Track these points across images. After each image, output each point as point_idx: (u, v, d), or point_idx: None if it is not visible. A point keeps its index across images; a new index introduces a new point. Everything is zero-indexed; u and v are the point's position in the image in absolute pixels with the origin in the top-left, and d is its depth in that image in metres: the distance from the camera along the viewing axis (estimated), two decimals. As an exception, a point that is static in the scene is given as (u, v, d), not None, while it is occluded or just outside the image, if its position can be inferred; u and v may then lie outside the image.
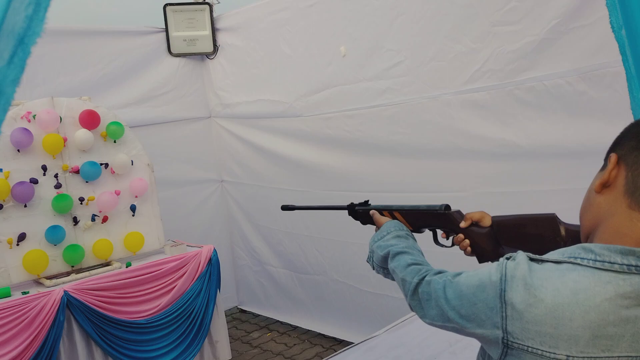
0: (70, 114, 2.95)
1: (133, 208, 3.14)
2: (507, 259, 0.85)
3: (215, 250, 3.21)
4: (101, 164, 3.02)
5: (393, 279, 1.19)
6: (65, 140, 2.89)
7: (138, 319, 2.89)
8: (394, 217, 1.39)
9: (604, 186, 0.84)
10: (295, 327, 4.03)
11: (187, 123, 4.09)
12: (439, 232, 1.36)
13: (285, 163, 3.70)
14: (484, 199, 2.67)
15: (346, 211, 1.60)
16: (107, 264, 3.01)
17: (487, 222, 1.25)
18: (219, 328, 3.26)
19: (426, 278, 1.02)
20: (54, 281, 2.77)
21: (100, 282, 2.80)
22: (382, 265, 1.24)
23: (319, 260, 3.68)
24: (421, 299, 1.01)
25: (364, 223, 1.54)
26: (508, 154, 2.53)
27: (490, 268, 0.86)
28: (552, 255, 0.83)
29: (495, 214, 2.74)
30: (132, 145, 3.16)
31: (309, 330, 3.90)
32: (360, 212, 1.53)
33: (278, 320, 4.17)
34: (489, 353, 0.88)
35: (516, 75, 2.44)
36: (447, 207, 1.33)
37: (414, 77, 2.82)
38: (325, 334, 3.76)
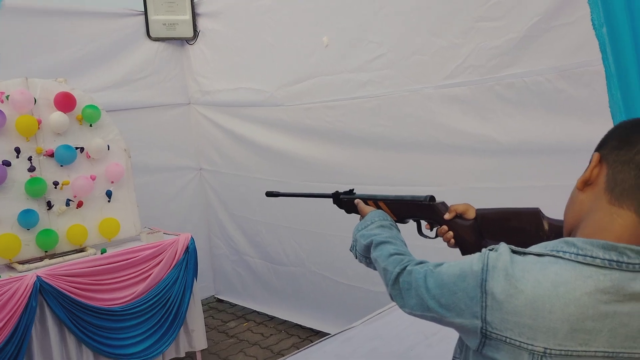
0: (45, 95, 2.88)
1: (109, 194, 3.09)
2: (490, 250, 0.85)
3: (192, 238, 3.18)
4: (76, 148, 2.95)
5: (375, 269, 1.19)
6: (39, 122, 2.82)
7: (113, 306, 2.85)
8: (378, 207, 1.39)
9: (586, 184, 0.86)
10: (272, 318, 4.03)
11: (165, 109, 4.03)
12: (423, 223, 1.36)
13: (265, 153, 3.68)
14: (463, 194, 2.66)
15: (328, 202, 1.59)
16: (82, 250, 2.96)
17: (471, 215, 1.26)
18: (195, 317, 3.24)
19: (407, 268, 1.03)
20: (27, 266, 2.72)
21: (74, 268, 2.75)
22: (365, 254, 1.24)
23: (297, 252, 3.68)
24: (402, 288, 1.02)
25: (348, 212, 1.53)
26: (487, 149, 2.55)
27: (472, 258, 0.87)
28: (534, 248, 0.84)
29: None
30: (109, 130, 3.10)
31: (285, 320, 3.91)
32: (345, 201, 1.52)
33: (255, 311, 4.17)
34: (467, 344, 0.89)
35: (497, 71, 2.46)
36: (432, 198, 1.33)
37: (395, 71, 2.82)
38: (302, 324, 3.77)
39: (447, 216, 1.28)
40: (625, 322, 0.74)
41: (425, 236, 1.38)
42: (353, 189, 1.54)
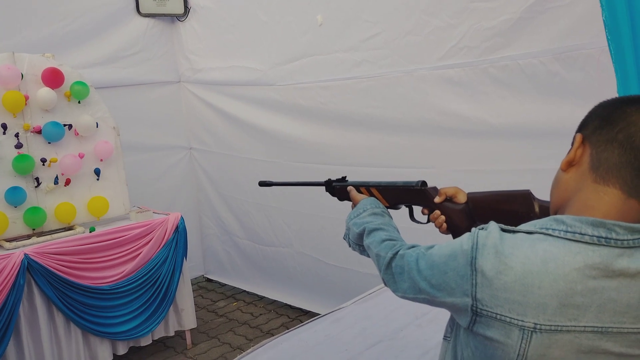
0: (33, 71, 2.83)
1: (97, 172, 3.05)
2: (480, 229, 0.86)
3: (182, 218, 3.17)
4: (64, 125, 2.91)
5: (369, 256, 1.19)
6: (26, 98, 2.77)
7: (101, 284, 2.84)
8: (370, 194, 1.39)
9: (570, 164, 0.87)
10: (261, 297, 4.04)
11: (155, 87, 3.98)
12: (417, 208, 1.36)
13: (256, 133, 3.65)
14: (454, 177, 2.68)
15: (319, 186, 1.58)
16: (70, 228, 2.93)
17: (461, 199, 1.26)
18: (185, 296, 3.24)
19: (400, 252, 1.04)
20: (14, 244, 2.69)
21: (62, 246, 2.72)
22: (358, 242, 1.25)
23: (286, 233, 3.68)
24: (394, 272, 1.03)
25: (340, 199, 1.53)
26: (480, 132, 2.54)
27: (462, 238, 0.87)
28: (524, 226, 0.85)
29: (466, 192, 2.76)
30: (97, 107, 3.05)
31: (275, 300, 3.92)
32: (337, 189, 1.52)
33: (244, 290, 4.17)
34: (458, 322, 0.89)
35: (491, 53, 2.44)
36: (424, 183, 1.33)
37: (389, 51, 2.79)
38: (292, 304, 3.78)
39: (437, 199, 1.28)
40: (614, 298, 0.75)
41: (417, 221, 1.38)
42: (345, 177, 1.53)
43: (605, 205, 0.81)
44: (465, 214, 1.23)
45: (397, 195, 1.36)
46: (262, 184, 1.78)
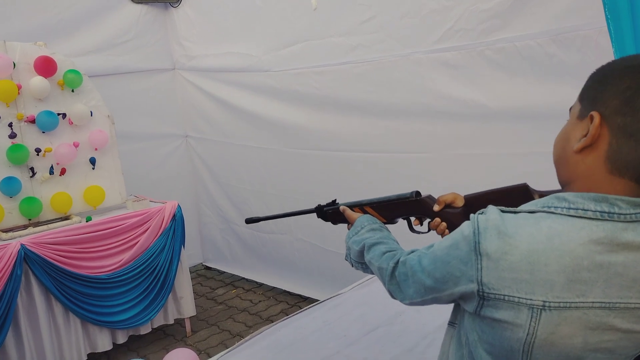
0: (25, 59, 2.80)
1: (93, 161, 3.03)
2: (479, 214, 0.85)
3: (179, 206, 3.16)
4: (58, 114, 2.89)
5: (372, 273, 1.19)
6: (19, 87, 2.75)
7: (99, 274, 2.83)
8: (365, 212, 1.38)
9: (585, 148, 0.81)
10: (260, 285, 4.05)
11: (149, 74, 3.94)
12: (413, 219, 1.35)
13: (252, 119, 3.62)
14: (451, 161, 2.68)
15: (316, 170, 1.57)
16: (66, 218, 2.92)
17: (460, 203, 1.25)
18: (184, 284, 3.24)
19: (400, 259, 1.04)
20: (11, 234, 2.68)
21: (59, 236, 2.72)
22: (359, 260, 1.24)
23: (285, 220, 3.67)
24: (399, 281, 1.03)
25: (334, 223, 1.51)
26: (477, 115, 2.52)
27: (462, 226, 0.86)
28: (525, 206, 0.84)
29: (463, 176, 2.76)
30: (91, 96, 3.03)
31: (274, 287, 3.93)
32: (330, 213, 1.50)
33: (243, 278, 4.18)
34: (463, 307, 0.89)
35: (488, 35, 2.42)
36: (418, 193, 1.31)
37: (385, 34, 2.76)
38: (291, 291, 3.79)
39: (436, 208, 1.26)
40: (620, 272, 0.75)
41: (418, 232, 1.36)
42: (335, 200, 1.52)
43: (615, 193, 0.79)
44: (465, 216, 1.22)
45: (393, 209, 1.35)
46: (249, 221, 1.73)
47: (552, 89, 2.27)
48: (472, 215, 0.85)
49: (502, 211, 0.83)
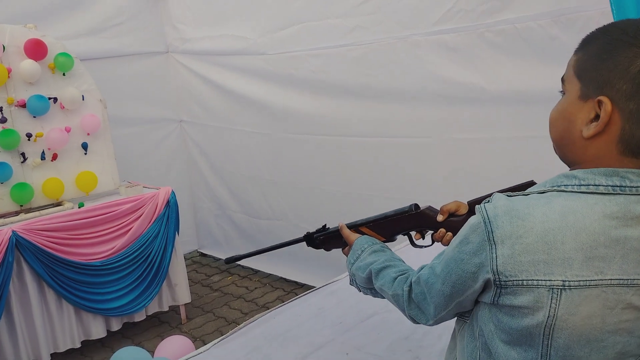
0: (15, 42, 2.74)
1: (85, 146, 2.98)
2: (485, 202, 0.81)
3: (173, 192, 3.11)
4: (49, 98, 2.83)
5: (383, 297, 1.13)
6: (9, 71, 2.69)
7: (92, 261, 2.79)
8: (362, 233, 1.30)
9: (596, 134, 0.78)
10: (256, 271, 4.02)
11: (142, 58, 3.87)
12: (414, 233, 1.28)
13: (247, 104, 3.57)
14: (450, 145, 2.64)
15: (312, 155, 1.51)
16: (58, 204, 2.87)
17: (463, 210, 1.19)
18: (178, 271, 3.20)
19: (413, 280, 0.98)
20: (2, 220, 2.64)
21: (51, 223, 2.67)
22: (368, 286, 1.17)
23: (281, 205, 3.64)
24: (418, 303, 0.98)
25: (328, 249, 1.44)
26: (477, 99, 2.48)
27: (469, 221, 0.82)
28: (533, 188, 0.81)
29: (462, 161, 2.71)
30: (83, 79, 2.97)
31: (270, 274, 3.90)
32: (322, 239, 1.42)
33: (239, 264, 4.15)
34: (479, 299, 0.85)
35: (488, 16, 2.37)
36: (417, 206, 1.25)
37: (383, 16, 2.70)
38: (287, 277, 3.76)
39: (440, 218, 1.20)
40: (636, 247, 0.73)
41: (421, 246, 1.28)
42: (325, 224, 1.44)
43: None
44: None
45: (392, 226, 1.27)
46: (229, 260, 1.66)
47: (554, 71, 2.19)
48: (477, 206, 0.82)
49: (510, 195, 0.80)
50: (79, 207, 2.84)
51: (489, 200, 0.81)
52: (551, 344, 0.76)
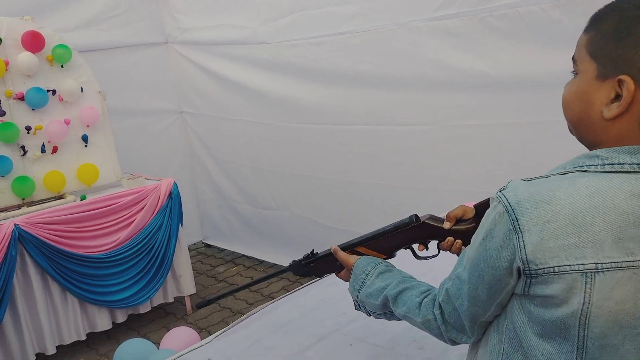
0: (12, 35, 2.72)
1: (85, 138, 2.97)
2: (501, 191, 0.78)
3: (175, 183, 3.10)
4: (48, 90, 2.82)
5: (400, 320, 1.07)
6: (7, 63, 2.68)
7: (95, 253, 2.80)
8: (358, 254, 1.20)
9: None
10: (261, 261, 4.02)
11: (141, 49, 3.83)
12: (416, 246, 1.20)
13: (248, 93, 3.54)
14: (452, 132, 2.62)
15: (314, 146, 1.46)
16: (60, 197, 2.87)
17: (470, 214, 1.13)
18: (182, 262, 3.21)
19: (440, 300, 0.92)
20: (4, 214, 2.64)
21: (53, 216, 2.67)
22: (382, 311, 1.10)
23: (283, 195, 3.62)
24: (453, 323, 0.91)
25: (319, 275, 1.35)
26: (479, 85, 2.45)
27: (487, 215, 0.79)
28: (552, 171, 0.78)
29: (465, 147, 2.68)
30: (82, 71, 2.95)
31: (275, 264, 3.89)
32: (312, 266, 1.32)
33: (244, 255, 4.15)
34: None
35: (489, 1, 2.33)
36: (417, 217, 1.16)
37: (383, 3, 2.67)
38: (291, 267, 3.75)
39: (447, 225, 1.13)
40: None
41: (426, 257, 1.19)
42: (313, 249, 1.35)
43: None
44: None
45: (392, 242, 1.18)
46: (200, 305, 1.57)
47: (557, 56, 2.17)
48: (492, 197, 0.78)
49: (527, 180, 0.77)
50: (82, 200, 2.83)
51: (504, 189, 0.78)
52: (587, 334, 0.73)
